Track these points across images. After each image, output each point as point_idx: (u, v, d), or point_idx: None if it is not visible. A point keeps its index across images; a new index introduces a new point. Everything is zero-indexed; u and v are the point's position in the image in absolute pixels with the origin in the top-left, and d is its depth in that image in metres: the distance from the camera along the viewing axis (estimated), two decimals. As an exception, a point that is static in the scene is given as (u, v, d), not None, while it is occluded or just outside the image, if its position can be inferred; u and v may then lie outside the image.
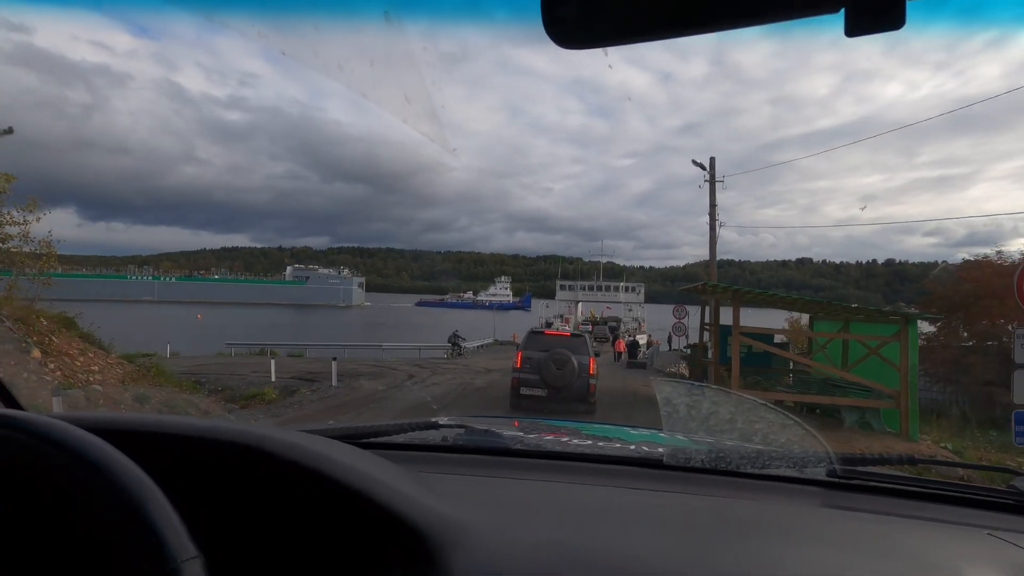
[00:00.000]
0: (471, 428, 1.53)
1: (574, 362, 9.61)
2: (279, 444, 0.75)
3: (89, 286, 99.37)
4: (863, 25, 0.45)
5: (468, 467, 1.17)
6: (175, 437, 0.76)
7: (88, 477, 0.57)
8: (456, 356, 27.68)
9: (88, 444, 0.59)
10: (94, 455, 0.58)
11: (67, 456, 0.58)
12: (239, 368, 17.33)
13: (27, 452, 0.59)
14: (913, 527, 0.98)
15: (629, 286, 52.82)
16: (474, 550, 0.70)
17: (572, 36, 0.54)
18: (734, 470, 1.15)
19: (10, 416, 0.62)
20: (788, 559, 0.80)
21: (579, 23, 0.54)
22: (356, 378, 15.92)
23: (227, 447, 0.75)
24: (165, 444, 0.76)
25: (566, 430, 1.80)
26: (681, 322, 22.09)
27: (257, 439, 0.75)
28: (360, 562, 0.73)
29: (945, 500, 1.11)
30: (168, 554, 0.52)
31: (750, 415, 1.68)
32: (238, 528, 0.74)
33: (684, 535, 0.86)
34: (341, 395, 12.94)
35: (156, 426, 0.79)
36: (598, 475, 1.15)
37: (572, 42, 0.54)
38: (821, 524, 1.00)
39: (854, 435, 9.85)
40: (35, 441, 0.59)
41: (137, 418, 0.82)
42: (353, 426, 1.32)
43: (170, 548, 0.52)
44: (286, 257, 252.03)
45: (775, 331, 14.36)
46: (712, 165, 19.19)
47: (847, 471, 1.16)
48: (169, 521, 0.54)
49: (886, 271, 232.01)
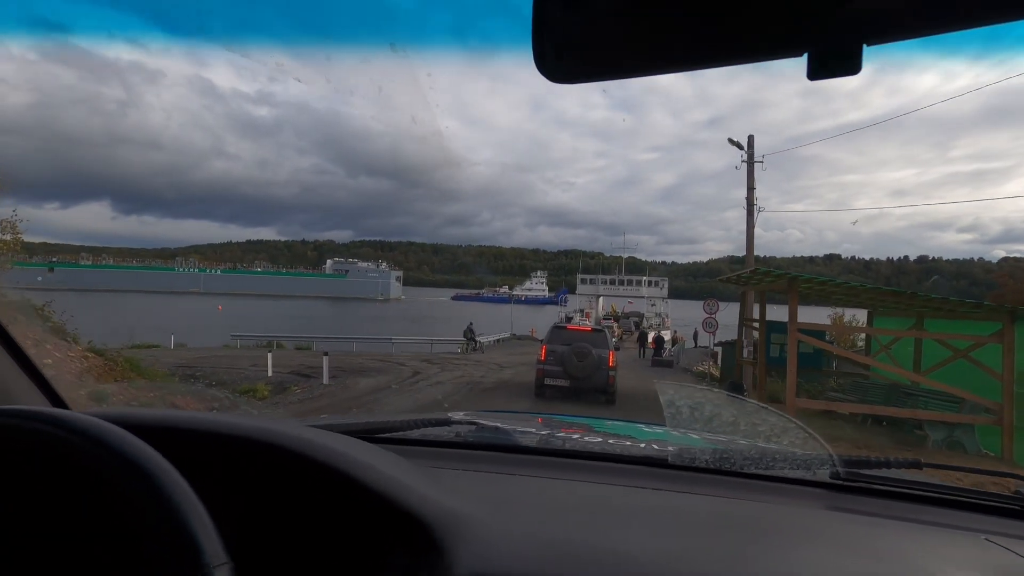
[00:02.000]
0: (482, 425, 1.52)
1: (595, 355, 10.18)
2: (290, 439, 0.77)
3: (139, 277, 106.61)
4: (823, 70, 0.51)
5: (477, 463, 1.16)
6: (189, 432, 0.78)
7: (131, 479, 0.58)
8: (471, 351, 26.21)
9: (132, 447, 0.61)
10: (137, 458, 0.59)
11: (112, 457, 0.59)
12: (240, 361, 16.42)
13: (72, 451, 0.60)
14: (912, 530, 0.98)
15: (652, 280, 50.57)
16: (479, 544, 0.72)
17: (557, 74, 0.58)
18: (738, 471, 1.15)
19: (55, 416, 0.63)
20: (789, 560, 0.79)
21: (562, 62, 0.58)
22: (355, 375, 14.65)
23: (240, 442, 0.77)
24: (182, 439, 0.77)
25: (578, 426, 1.79)
26: (712, 317, 20.05)
27: (268, 434, 0.77)
28: (368, 554, 0.75)
29: (948, 504, 1.10)
30: (202, 560, 0.53)
31: (752, 418, 1.73)
32: (251, 520, 0.76)
33: (686, 535, 0.86)
34: (329, 395, 11.49)
35: (172, 421, 0.80)
36: (604, 473, 1.15)
37: (559, 77, 0.59)
38: (823, 526, 0.99)
39: (937, 455, 7.98)
40: (82, 441, 0.60)
41: (154, 413, 0.83)
42: (366, 421, 1.35)
43: (204, 553, 0.54)
44: (309, 250, 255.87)
45: (851, 329, 12.34)
46: (750, 144, 17.28)
47: (850, 473, 1.15)
48: (205, 526, 0.56)
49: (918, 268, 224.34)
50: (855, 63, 0.50)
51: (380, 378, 14.46)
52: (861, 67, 0.50)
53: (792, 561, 0.79)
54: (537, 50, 0.55)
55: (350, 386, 12.70)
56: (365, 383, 13.27)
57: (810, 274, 8.55)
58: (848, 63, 0.50)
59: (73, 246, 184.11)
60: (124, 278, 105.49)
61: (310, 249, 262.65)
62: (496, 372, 16.60)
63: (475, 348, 26.73)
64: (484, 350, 27.05)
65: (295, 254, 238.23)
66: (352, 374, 14.83)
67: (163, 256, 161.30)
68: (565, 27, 0.54)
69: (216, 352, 19.75)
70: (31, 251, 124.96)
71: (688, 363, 23.67)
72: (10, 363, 0.99)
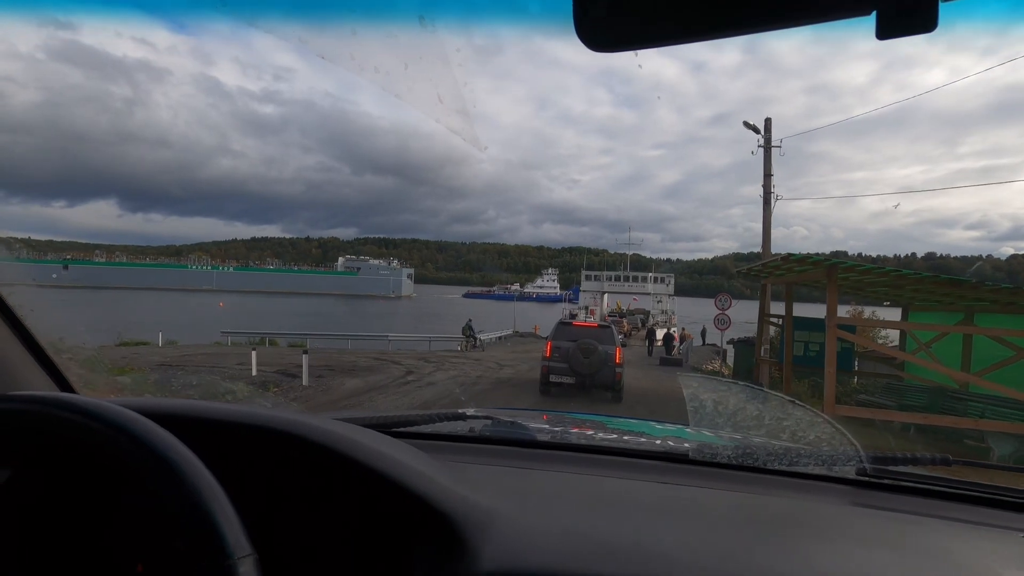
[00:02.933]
0: (498, 420, 1.52)
1: (601, 351, 9.90)
2: (313, 430, 0.76)
3: (153, 275, 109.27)
4: (895, 28, 0.46)
5: (495, 457, 1.16)
6: (213, 422, 0.77)
7: (154, 468, 0.58)
8: (471, 349, 25.11)
9: (156, 436, 0.60)
10: (161, 447, 0.59)
11: (136, 447, 0.58)
12: (227, 359, 15.55)
13: (96, 439, 0.59)
14: (943, 527, 0.96)
15: (658, 276, 49.13)
16: (501, 536, 0.72)
17: (602, 38, 0.54)
18: (761, 467, 1.14)
19: (77, 403, 0.62)
20: (814, 555, 0.78)
21: (610, 24, 0.53)
22: (343, 374, 13.63)
23: (264, 433, 0.75)
24: (205, 429, 0.75)
25: (591, 424, 1.78)
26: (724, 313, 18.77)
27: (291, 424, 0.76)
28: (393, 548, 0.74)
29: (978, 502, 1.07)
30: (227, 551, 0.53)
31: (778, 412, 1.66)
32: (276, 512, 0.75)
33: (708, 529, 0.85)
34: (306, 398, 10.39)
35: (192, 410, 0.79)
36: (623, 468, 1.14)
37: (602, 44, 0.54)
38: (849, 522, 0.97)
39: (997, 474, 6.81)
40: (105, 429, 0.59)
41: (178, 403, 0.81)
42: (384, 415, 1.33)
43: (228, 545, 0.53)
44: (313, 247, 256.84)
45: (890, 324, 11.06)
46: (767, 128, 16.07)
47: (877, 470, 1.13)
48: (229, 518, 0.55)
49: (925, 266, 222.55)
50: (930, 18, 0.45)
51: (369, 378, 13.44)
52: (937, 22, 0.44)
53: (816, 556, 0.77)
54: (578, 15, 0.51)
55: (332, 387, 11.61)
56: (351, 384, 12.18)
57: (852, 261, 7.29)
58: (922, 18, 0.45)
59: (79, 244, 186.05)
60: (138, 275, 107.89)
61: (314, 246, 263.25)
62: (495, 371, 15.61)
63: (475, 346, 25.64)
64: (484, 348, 25.98)
65: (300, 251, 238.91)
66: (340, 374, 13.81)
67: (169, 253, 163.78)
68: None
69: (205, 350, 19.05)
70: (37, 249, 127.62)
71: (697, 361, 22.58)
72: (23, 352, 0.98)
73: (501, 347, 28.95)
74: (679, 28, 0.51)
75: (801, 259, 7.89)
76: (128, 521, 0.61)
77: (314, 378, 12.45)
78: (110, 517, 0.62)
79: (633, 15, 0.52)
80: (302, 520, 0.76)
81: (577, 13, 0.51)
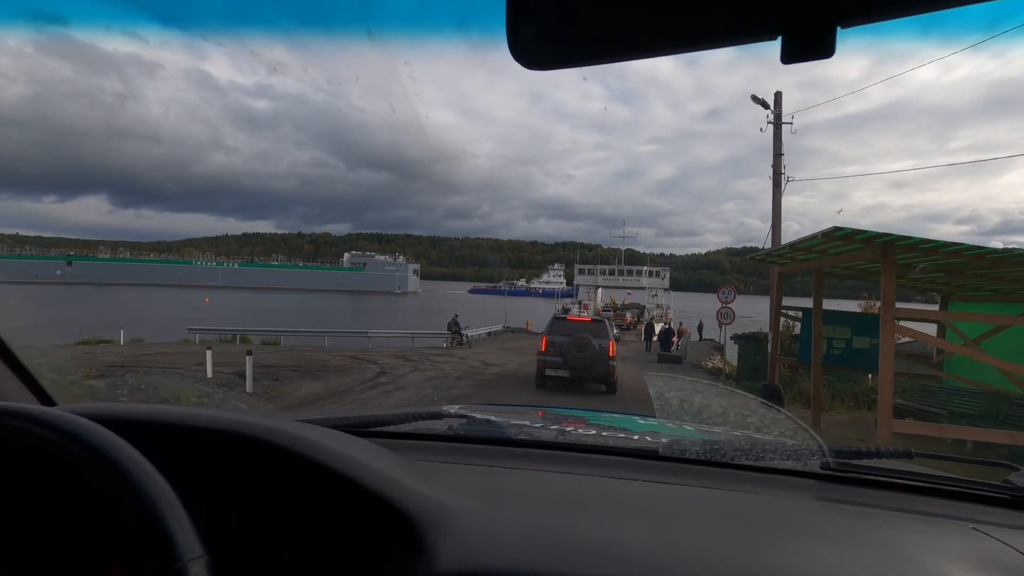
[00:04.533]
0: (474, 418, 1.54)
1: (595, 345, 10.21)
2: (275, 434, 0.76)
3: (157, 271, 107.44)
4: (797, 54, 0.50)
5: (466, 456, 1.16)
6: (175, 427, 0.77)
7: (104, 473, 0.58)
8: (456, 345, 23.52)
9: (106, 441, 0.60)
10: (110, 452, 0.59)
11: (86, 453, 0.59)
12: (188, 358, 13.90)
13: (48, 447, 0.60)
14: (901, 520, 0.97)
15: (653, 270, 47.61)
16: (461, 535, 0.71)
17: (534, 59, 0.58)
18: (729, 462, 1.15)
19: (30, 411, 0.62)
20: (779, 551, 0.79)
21: (538, 47, 0.57)
22: (304, 377, 12.15)
23: (226, 437, 0.75)
24: (167, 434, 0.76)
25: (573, 419, 1.79)
26: (728, 307, 17.23)
27: (254, 428, 0.76)
28: (353, 547, 0.74)
29: (938, 494, 1.10)
30: (176, 553, 0.53)
31: (742, 408, 1.69)
32: (232, 514, 0.75)
33: (676, 526, 0.86)
34: (249, 406, 8.77)
35: (159, 416, 0.79)
36: (594, 465, 1.14)
37: (535, 64, 0.58)
38: (813, 517, 0.99)
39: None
40: (56, 437, 0.60)
41: (141, 408, 0.81)
42: (357, 415, 1.34)
43: (179, 547, 0.54)
44: (305, 243, 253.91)
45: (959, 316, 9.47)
46: (778, 102, 14.55)
47: (841, 464, 1.15)
48: (180, 521, 0.56)
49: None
50: (829, 46, 0.49)
51: (334, 380, 11.89)
52: (835, 50, 0.50)
53: (782, 551, 0.79)
54: (511, 37, 0.55)
55: (284, 393, 10.02)
56: (308, 388, 10.61)
57: (915, 237, 5.71)
58: (822, 46, 0.50)
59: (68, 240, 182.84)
60: (142, 272, 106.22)
61: (307, 242, 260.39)
62: (479, 371, 14.14)
63: (461, 342, 24.05)
64: (471, 344, 24.41)
65: (292, 247, 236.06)
66: (302, 376, 12.25)
67: (159, 249, 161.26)
68: (540, 12, 0.54)
69: (168, 348, 17.45)
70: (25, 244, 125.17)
71: (696, 358, 21.23)
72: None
73: (490, 343, 27.39)
74: (602, 51, 0.56)
75: (848, 235, 6.33)
76: (82, 526, 0.61)
77: (270, 380, 10.89)
78: (65, 523, 0.62)
79: (559, 40, 0.55)
80: (265, 522, 0.75)
81: (510, 36, 0.54)
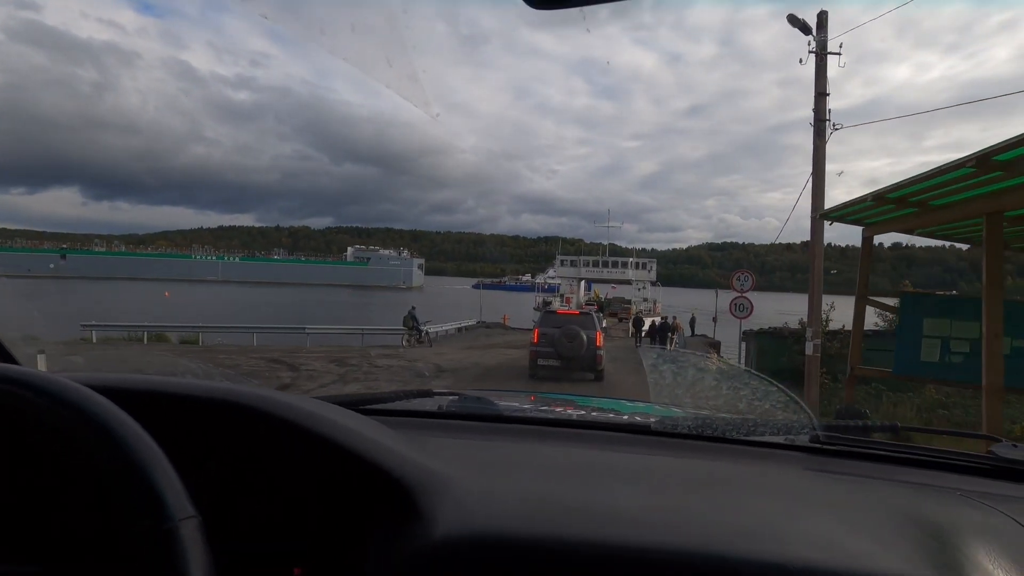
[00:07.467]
0: (465, 396, 1.57)
1: (583, 336, 11.50)
2: (271, 403, 0.77)
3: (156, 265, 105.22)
4: None
5: (460, 432, 1.18)
6: (170, 396, 0.78)
7: (91, 434, 0.58)
8: (415, 343, 20.36)
9: (92, 401, 0.60)
10: (98, 412, 0.59)
11: (72, 413, 0.59)
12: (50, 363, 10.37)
13: (31, 408, 0.60)
14: (887, 487, 0.99)
15: (640, 262, 44.93)
16: (457, 501, 0.72)
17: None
18: (720, 436, 1.18)
19: (15, 372, 0.62)
20: (767, 511, 0.81)
21: None
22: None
23: (218, 405, 0.77)
24: (161, 402, 0.77)
25: (561, 402, 1.84)
26: (744, 296, 14.28)
27: (249, 397, 0.77)
28: (350, 514, 0.76)
29: (924, 465, 1.12)
30: (167, 513, 0.53)
31: (735, 382, 1.75)
32: (233, 484, 0.76)
33: (668, 492, 0.87)
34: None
35: (149, 384, 0.80)
36: (587, 440, 1.16)
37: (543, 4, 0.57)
38: (803, 483, 1.02)
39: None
40: (39, 397, 0.60)
41: (133, 378, 0.82)
42: (349, 394, 1.37)
43: (169, 507, 0.53)
44: (283, 236, 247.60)
45: None
46: (820, 25, 11.13)
47: (830, 437, 1.17)
48: (169, 480, 0.55)
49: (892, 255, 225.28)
50: None
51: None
52: None
53: (769, 512, 0.81)
54: None
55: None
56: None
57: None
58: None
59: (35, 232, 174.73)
60: (140, 266, 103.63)
61: (284, 236, 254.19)
62: (422, 383, 10.93)
63: (420, 340, 20.89)
64: (432, 342, 21.29)
65: (270, 240, 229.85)
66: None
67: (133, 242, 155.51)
68: None
69: (50, 349, 13.88)
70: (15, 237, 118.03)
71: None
72: None
73: (458, 340, 24.38)
74: None
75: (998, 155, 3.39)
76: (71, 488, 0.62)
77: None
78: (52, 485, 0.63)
79: None
80: (259, 492, 0.77)
81: None
